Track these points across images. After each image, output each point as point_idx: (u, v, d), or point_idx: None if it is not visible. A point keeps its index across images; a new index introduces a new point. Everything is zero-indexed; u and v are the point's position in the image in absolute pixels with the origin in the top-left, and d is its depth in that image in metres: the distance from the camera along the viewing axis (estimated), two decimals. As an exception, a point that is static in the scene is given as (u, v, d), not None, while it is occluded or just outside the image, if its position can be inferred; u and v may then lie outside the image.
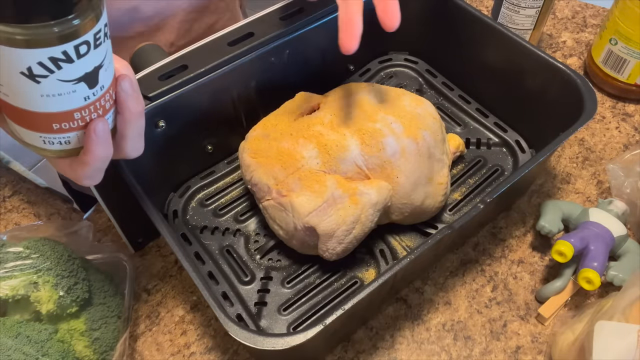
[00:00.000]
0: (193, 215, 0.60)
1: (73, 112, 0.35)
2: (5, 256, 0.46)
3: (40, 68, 0.31)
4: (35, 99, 0.33)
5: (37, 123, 0.34)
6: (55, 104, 0.34)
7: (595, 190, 0.64)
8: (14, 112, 0.34)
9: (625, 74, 0.70)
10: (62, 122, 0.35)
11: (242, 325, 0.39)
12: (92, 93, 0.35)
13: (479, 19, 0.63)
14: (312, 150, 0.52)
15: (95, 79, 0.34)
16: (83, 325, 0.47)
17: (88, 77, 0.34)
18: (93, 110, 0.36)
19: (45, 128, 0.35)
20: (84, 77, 0.34)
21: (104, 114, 0.36)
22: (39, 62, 0.31)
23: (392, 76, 0.74)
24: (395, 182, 0.53)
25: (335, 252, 0.51)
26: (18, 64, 0.31)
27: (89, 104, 0.35)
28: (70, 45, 0.31)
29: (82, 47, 0.32)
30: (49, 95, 0.33)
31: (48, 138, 0.35)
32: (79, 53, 0.32)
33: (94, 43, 0.33)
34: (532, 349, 0.53)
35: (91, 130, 0.35)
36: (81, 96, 0.34)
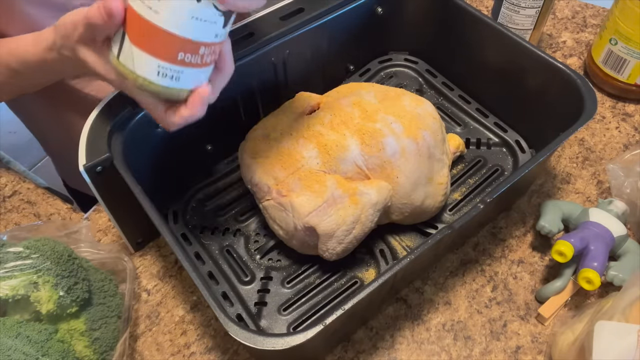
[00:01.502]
0: (193, 215, 0.60)
1: (201, 46, 0.37)
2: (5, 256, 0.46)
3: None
4: (184, 20, 0.36)
5: (167, 47, 0.37)
6: (197, 30, 0.37)
7: (595, 190, 0.64)
8: (148, 33, 0.36)
9: (625, 74, 0.70)
10: (188, 52, 0.37)
11: (242, 325, 0.39)
12: (221, 34, 0.38)
13: (479, 19, 0.62)
14: (312, 150, 0.52)
15: (229, 19, 0.38)
16: (83, 325, 0.47)
17: (227, 15, 0.38)
18: (212, 52, 0.39)
19: (170, 55, 0.37)
20: (226, 12, 0.37)
21: (211, 62, 0.40)
22: None
23: (392, 76, 0.74)
24: (395, 182, 0.53)
25: (335, 252, 0.51)
26: None
27: (215, 43, 0.38)
28: None
29: None
30: (198, 19, 0.36)
31: (165, 68, 0.37)
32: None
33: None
34: (532, 349, 0.53)
35: (199, 94, 0.40)
36: (214, 32, 0.38)
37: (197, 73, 0.39)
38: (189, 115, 0.41)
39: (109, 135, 0.50)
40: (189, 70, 0.38)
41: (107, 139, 0.49)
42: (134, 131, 0.52)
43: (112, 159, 0.48)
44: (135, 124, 0.52)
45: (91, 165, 0.47)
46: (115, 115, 0.51)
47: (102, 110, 0.51)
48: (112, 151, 0.49)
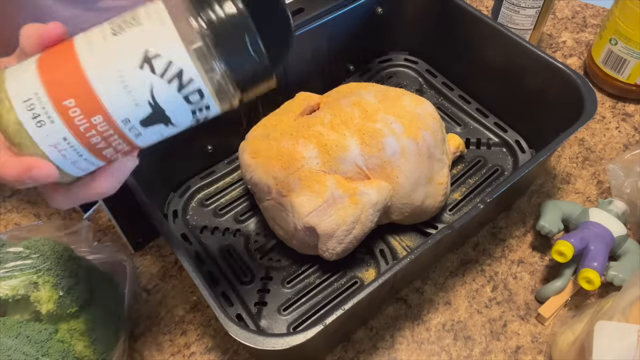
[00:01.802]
0: (193, 215, 0.60)
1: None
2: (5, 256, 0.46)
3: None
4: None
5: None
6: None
7: (595, 190, 0.64)
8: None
9: (625, 74, 0.70)
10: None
11: (242, 325, 0.39)
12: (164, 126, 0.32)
13: (479, 19, 0.63)
14: (312, 150, 0.52)
15: (159, 118, 0.31)
16: (83, 325, 0.47)
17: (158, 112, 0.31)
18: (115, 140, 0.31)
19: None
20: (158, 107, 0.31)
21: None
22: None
23: (392, 76, 0.74)
24: (395, 182, 0.53)
25: (335, 252, 0.51)
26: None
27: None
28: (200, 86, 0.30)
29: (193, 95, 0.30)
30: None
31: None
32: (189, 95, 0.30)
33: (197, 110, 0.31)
34: (532, 349, 0.53)
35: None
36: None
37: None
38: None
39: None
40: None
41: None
42: (134, 131, 0.52)
43: (112, 159, 0.48)
44: (135, 124, 0.52)
45: (91, 165, 0.47)
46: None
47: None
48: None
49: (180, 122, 0.32)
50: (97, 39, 0.30)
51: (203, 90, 0.30)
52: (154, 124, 0.31)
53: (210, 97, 0.31)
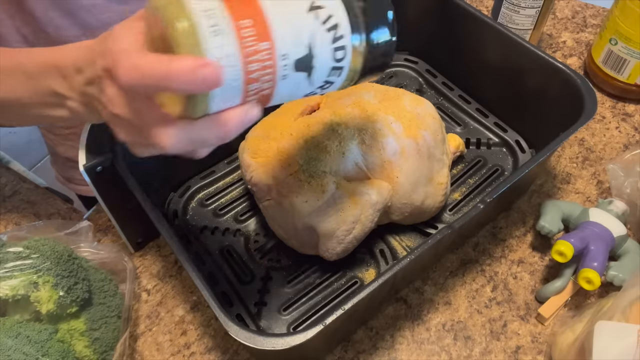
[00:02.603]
0: (193, 215, 0.60)
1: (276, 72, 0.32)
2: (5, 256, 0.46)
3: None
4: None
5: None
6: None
7: (595, 190, 0.64)
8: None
9: (625, 74, 0.70)
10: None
11: (242, 325, 0.39)
12: (300, 90, 0.35)
13: (479, 19, 0.63)
14: (312, 150, 0.52)
15: (309, 64, 0.34)
16: (83, 325, 0.47)
17: (322, 84, 0.35)
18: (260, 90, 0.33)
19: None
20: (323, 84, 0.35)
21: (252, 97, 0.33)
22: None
23: (392, 76, 0.74)
24: (395, 182, 0.53)
25: (335, 252, 0.51)
26: None
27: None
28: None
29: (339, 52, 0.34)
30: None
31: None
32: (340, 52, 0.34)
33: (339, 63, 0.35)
34: (532, 349, 0.53)
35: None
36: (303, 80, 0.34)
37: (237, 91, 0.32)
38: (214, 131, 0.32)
39: (109, 135, 0.50)
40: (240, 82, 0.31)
41: (108, 139, 0.49)
42: (134, 131, 0.52)
43: (112, 159, 0.48)
44: (135, 124, 0.52)
45: (91, 165, 0.47)
46: (115, 115, 0.51)
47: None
48: (113, 151, 0.49)
49: (316, 78, 0.34)
50: None
51: (347, 49, 0.34)
52: (301, 70, 0.33)
53: (347, 61, 0.35)
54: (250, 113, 0.32)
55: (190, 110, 0.31)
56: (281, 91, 0.33)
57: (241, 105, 0.32)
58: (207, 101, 0.31)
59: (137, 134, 0.34)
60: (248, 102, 0.33)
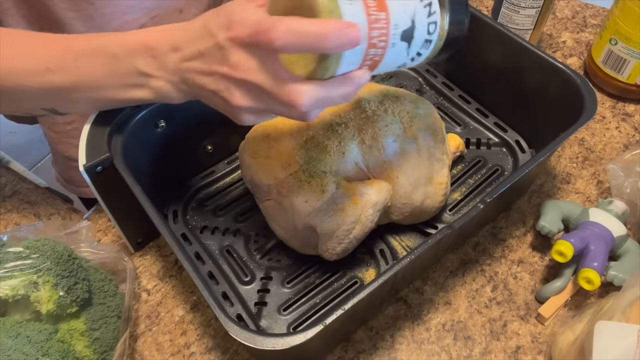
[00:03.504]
0: (193, 215, 0.60)
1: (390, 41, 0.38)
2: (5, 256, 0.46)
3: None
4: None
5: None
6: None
7: (595, 190, 0.64)
8: None
9: (625, 74, 0.70)
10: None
11: (242, 325, 0.39)
12: (402, 61, 0.41)
13: (479, 18, 0.63)
14: (312, 151, 0.52)
15: (411, 35, 0.39)
16: (83, 325, 0.47)
17: (415, 55, 0.41)
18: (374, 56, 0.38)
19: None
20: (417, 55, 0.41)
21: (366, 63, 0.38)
22: None
23: (392, 76, 0.74)
24: (395, 182, 0.53)
25: (335, 252, 0.51)
26: None
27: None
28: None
29: (431, 26, 0.40)
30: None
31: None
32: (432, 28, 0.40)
33: (428, 37, 0.40)
34: (532, 349, 0.53)
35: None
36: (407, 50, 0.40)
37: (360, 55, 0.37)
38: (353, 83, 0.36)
39: (109, 135, 0.50)
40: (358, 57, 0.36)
41: (107, 139, 0.49)
42: (134, 131, 0.52)
43: (112, 159, 0.48)
44: (135, 124, 0.52)
45: (91, 165, 0.47)
46: (115, 116, 0.51)
47: (102, 110, 0.51)
48: (112, 151, 0.49)
49: (412, 49, 0.40)
50: None
51: (437, 24, 0.40)
52: (404, 40, 0.38)
53: (435, 35, 0.41)
54: (365, 76, 0.37)
55: (322, 71, 0.35)
56: (388, 58, 0.38)
57: (359, 68, 0.37)
58: (339, 62, 0.35)
59: (261, 98, 0.37)
60: (364, 66, 0.37)
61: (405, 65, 0.42)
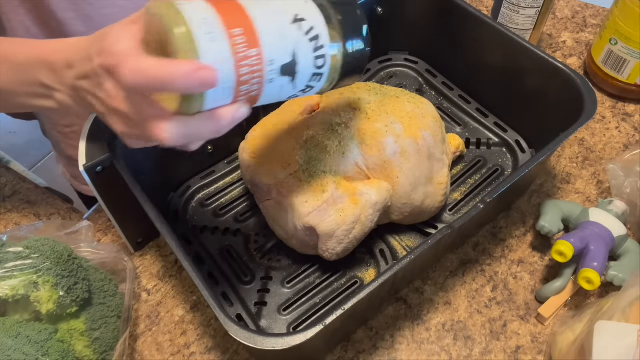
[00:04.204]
0: (193, 215, 0.60)
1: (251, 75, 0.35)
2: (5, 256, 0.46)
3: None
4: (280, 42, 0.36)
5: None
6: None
7: (595, 190, 0.64)
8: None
9: (625, 74, 0.70)
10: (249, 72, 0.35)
11: (242, 325, 0.39)
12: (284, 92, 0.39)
13: (479, 19, 0.62)
14: (312, 150, 0.52)
15: (293, 70, 0.37)
16: (83, 325, 0.47)
17: (305, 88, 0.39)
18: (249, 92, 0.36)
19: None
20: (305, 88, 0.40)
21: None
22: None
23: (392, 76, 0.74)
24: (395, 182, 0.53)
25: (335, 252, 0.51)
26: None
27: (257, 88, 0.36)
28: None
29: (320, 60, 0.38)
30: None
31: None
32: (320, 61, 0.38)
33: (319, 71, 0.39)
34: (532, 349, 0.53)
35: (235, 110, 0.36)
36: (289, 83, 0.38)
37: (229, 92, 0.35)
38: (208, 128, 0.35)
39: (109, 135, 0.50)
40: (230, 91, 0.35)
41: (108, 139, 0.49)
42: (134, 131, 0.52)
43: (112, 159, 0.48)
44: (135, 124, 0.52)
45: (91, 165, 0.47)
46: (115, 115, 0.51)
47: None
48: (112, 151, 0.49)
49: (299, 83, 0.38)
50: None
51: (327, 58, 0.39)
52: (285, 75, 0.37)
53: (327, 68, 0.39)
54: (240, 111, 0.36)
55: (186, 108, 0.34)
56: (268, 93, 0.37)
57: (232, 104, 0.36)
58: (203, 100, 0.34)
59: (133, 127, 0.36)
60: (238, 102, 0.36)
61: (297, 97, 0.40)
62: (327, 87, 0.41)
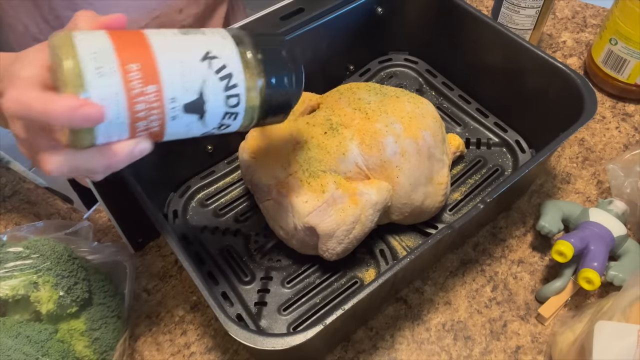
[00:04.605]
0: (193, 215, 0.60)
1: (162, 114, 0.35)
2: (5, 256, 0.46)
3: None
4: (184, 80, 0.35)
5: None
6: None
7: (595, 190, 0.64)
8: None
9: (625, 74, 0.70)
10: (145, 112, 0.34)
11: (242, 325, 0.39)
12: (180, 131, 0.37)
13: (479, 19, 0.63)
14: (312, 150, 0.52)
15: (200, 108, 0.36)
16: (83, 325, 0.47)
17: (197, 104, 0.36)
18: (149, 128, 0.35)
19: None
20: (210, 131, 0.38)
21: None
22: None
23: (392, 76, 0.74)
24: (395, 182, 0.53)
25: (335, 252, 0.51)
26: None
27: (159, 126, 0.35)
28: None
29: (232, 99, 0.37)
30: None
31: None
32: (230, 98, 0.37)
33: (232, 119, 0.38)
34: (532, 349, 0.53)
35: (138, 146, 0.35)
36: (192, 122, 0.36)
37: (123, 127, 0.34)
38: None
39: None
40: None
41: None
42: (134, 131, 0.52)
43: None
44: (135, 124, 0.52)
45: (91, 165, 0.47)
46: (115, 115, 0.51)
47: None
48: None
49: (209, 121, 0.37)
50: (166, 32, 0.35)
51: (241, 97, 0.37)
52: (191, 112, 0.35)
53: (242, 107, 0.37)
54: (139, 146, 0.35)
55: (76, 141, 0.33)
56: (173, 129, 0.36)
57: (130, 139, 0.35)
58: (93, 134, 0.33)
59: (29, 150, 0.36)
60: (137, 137, 0.35)
61: (213, 133, 0.39)
62: (247, 124, 0.40)
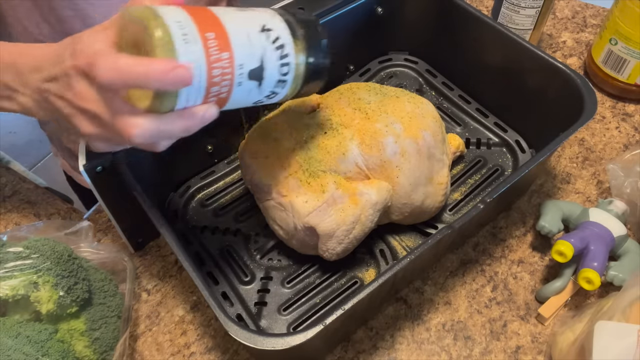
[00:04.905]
0: (193, 215, 0.60)
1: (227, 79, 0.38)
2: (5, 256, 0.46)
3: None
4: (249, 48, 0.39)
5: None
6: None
7: (595, 190, 0.64)
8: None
9: (625, 74, 0.70)
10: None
11: (242, 325, 0.39)
12: (250, 98, 0.41)
13: (479, 19, 0.63)
14: (312, 150, 0.52)
15: (260, 75, 0.40)
16: (83, 325, 0.47)
17: (270, 94, 0.42)
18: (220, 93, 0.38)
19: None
20: (271, 93, 0.42)
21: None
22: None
23: (392, 76, 0.74)
24: (395, 182, 0.53)
25: (335, 252, 0.51)
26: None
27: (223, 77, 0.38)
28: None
29: (284, 67, 0.41)
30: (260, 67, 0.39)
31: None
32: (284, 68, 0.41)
33: (282, 79, 0.42)
34: (532, 349, 0.53)
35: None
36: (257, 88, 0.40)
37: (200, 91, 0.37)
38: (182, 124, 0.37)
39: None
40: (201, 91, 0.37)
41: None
42: (134, 131, 0.52)
43: (112, 159, 0.48)
44: (135, 124, 0.52)
45: (91, 165, 0.47)
46: (115, 115, 0.51)
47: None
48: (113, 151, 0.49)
49: (265, 88, 0.41)
50: (226, 8, 0.39)
51: (291, 66, 0.41)
52: (253, 79, 0.39)
53: (291, 76, 0.42)
54: (209, 111, 0.37)
55: (158, 106, 0.35)
56: (236, 96, 0.39)
57: (202, 104, 0.37)
58: (176, 98, 0.35)
59: (102, 127, 0.38)
60: (208, 102, 0.38)
61: (262, 102, 0.43)
62: (290, 93, 0.44)
